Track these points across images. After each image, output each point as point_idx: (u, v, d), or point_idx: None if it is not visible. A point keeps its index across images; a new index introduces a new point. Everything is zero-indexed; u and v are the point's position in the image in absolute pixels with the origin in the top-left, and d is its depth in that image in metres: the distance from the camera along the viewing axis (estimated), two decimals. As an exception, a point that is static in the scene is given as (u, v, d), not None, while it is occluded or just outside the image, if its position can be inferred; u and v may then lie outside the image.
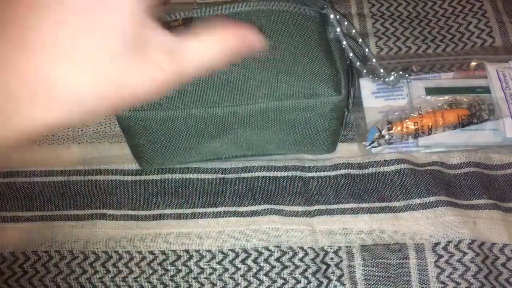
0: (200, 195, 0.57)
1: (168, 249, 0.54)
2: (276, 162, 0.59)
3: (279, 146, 0.56)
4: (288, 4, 0.52)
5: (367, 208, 0.57)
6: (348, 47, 0.55)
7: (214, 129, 0.52)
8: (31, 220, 0.56)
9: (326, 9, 0.53)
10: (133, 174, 0.58)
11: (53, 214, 0.57)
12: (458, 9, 0.71)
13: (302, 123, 0.53)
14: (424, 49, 0.68)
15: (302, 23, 0.52)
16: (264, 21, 0.51)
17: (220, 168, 0.59)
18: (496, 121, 0.59)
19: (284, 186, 0.57)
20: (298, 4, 0.53)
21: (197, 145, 0.54)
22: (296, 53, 0.50)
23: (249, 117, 0.51)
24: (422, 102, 0.61)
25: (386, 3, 0.72)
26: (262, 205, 0.56)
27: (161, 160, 0.56)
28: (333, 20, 0.53)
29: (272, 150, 0.57)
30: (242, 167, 0.59)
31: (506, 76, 0.61)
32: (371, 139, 0.59)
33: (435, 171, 0.58)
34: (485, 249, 0.54)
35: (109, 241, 0.55)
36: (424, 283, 0.52)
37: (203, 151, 0.55)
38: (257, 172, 0.58)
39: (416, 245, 0.54)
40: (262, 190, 0.57)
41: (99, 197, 0.57)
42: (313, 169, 0.59)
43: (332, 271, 0.53)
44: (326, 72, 0.50)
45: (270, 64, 0.50)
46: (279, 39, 0.51)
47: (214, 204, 0.57)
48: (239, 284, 0.53)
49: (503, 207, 0.57)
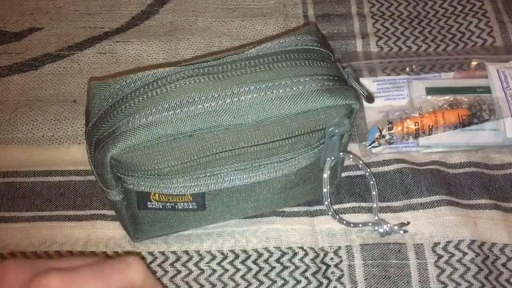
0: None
1: (167, 250, 0.54)
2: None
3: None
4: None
5: (367, 207, 0.57)
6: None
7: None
8: (31, 220, 0.56)
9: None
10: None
11: (53, 214, 0.57)
12: (459, 9, 0.71)
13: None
14: (425, 49, 0.68)
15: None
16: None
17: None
18: (496, 121, 0.59)
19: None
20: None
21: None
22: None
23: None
24: (423, 102, 0.61)
25: (386, 3, 0.72)
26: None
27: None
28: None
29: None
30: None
31: (507, 76, 0.61)
32: (372, 139, 0.59)
33: (435, 170, 0.58)
34: (485, 249, 0.54)
35: (109, 242, 0.55)
36: (424, 283, 0.52)
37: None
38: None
39: (416, 245, 0.54)
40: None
41: (99, 198, 0.57)
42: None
43: (332, 271, 0.53)
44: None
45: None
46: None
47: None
48: (239, 285, 0.53)
49: (503, 207, 0.57)
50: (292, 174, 0.49)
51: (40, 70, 0.67)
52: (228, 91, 0.44)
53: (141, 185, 0.46)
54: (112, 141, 0.43)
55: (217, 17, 0.71)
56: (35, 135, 0.62)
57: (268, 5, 0.73)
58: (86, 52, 0.68)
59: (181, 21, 0.71)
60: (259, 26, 0.70)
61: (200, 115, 0.44)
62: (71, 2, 0.73)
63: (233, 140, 0.45)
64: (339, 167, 0.55)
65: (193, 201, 0.48)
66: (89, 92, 0.47)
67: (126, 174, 0.45)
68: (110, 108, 0.45)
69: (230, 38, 0.69)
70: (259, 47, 0.48)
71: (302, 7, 0.72)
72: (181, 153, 0.44)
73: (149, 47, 0.68)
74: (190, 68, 0.46)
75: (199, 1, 0.73)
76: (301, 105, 0.45)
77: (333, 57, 0.50)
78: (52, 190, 0.58)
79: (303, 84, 0.45)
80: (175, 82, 0.45)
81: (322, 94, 0.45)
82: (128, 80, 0.45)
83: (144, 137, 0.43)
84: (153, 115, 0.43)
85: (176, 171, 0.45)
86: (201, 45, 0.69)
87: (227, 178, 0.47)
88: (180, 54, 0.68)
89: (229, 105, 0.44)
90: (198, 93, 0.44)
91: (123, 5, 0.72)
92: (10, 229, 0.56)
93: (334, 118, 0.46)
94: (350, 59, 0.66)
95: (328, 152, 0.49)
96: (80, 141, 0.61)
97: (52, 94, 0.65)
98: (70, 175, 0.59)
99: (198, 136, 0.44)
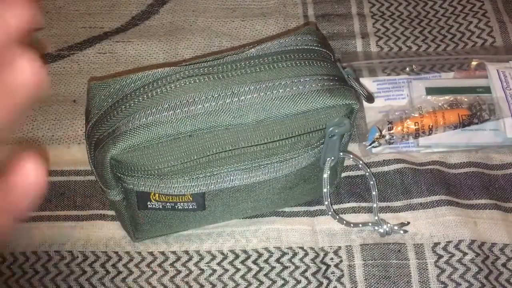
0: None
1: (167, 250, 0.54)
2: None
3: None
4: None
5: (367, 207, 0.56)
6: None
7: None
8: (31, 220, 0.56)
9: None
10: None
11: (53, 214, 0.57)
12: (459, 9, 0.71)
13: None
14: (425, 49, 0.68)
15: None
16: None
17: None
18: (496, 121, 0.59)
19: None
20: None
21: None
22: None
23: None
24: (423, 102, 0.61)
25: (386, 3, 0.72)
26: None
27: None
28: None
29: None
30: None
31: (507, 75, 0.61)
32: (372, 139, 0.59)
33: (435, 170, 0.58)
34: (485, 249, 0.54)
35: (109, 242, 0.55)
36: (424, 283, 0.52)
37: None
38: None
39: (416, 245, 0.54)
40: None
41: (99, 198, 0.57)
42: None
43: (332, 271, 0.53)
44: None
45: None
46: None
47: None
48: (239, 285, 0.53)
49: (503, 207, 0.57)
50: (292, 174, 0.49)
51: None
52: (228, 91, 0.44)
53: (141, 185, 0.46)
54: (112, 141, 0.43)
55: (217, 17, 0.71)
56: (35, 135, 0.62)
57: (268, 5, 0.72)
58: (86, 52, 0.68)
59: (181, 21, 0.71)
60: (259, 26, 0.70)
61: (200, 115, 0.43)
62: (71, 2, 0.73)
63: (233, 140, 0.44)
64: (339, 167, 0.55)
65: (193, 201, 0.48)
66: (89, 92, 0.47)
67: (126, 174, 0.45)
68: (110, 108, 0.45)
69: (230, 38, 0.69)
70: (259, 47, 0.48)
71: (302, 7, 0.72)
72: (181, 153, 0.44)
73: (149, 47, 0.68)
74: (190, 68, 0.46)
75: (199, 1, 0.73)
76: (301, 105, 0.45)
77: (333, 57, 0.49)
78: (52, 190, 0.58)
79: (303, 84, 0.45)
80: (175, 82, 0.44)
81: (322, 94, 0.45)
82: (128, 80, 0.45)
83: (144, 137, 0.43)
84: (153, 115, 0.43)
85: (176, 171, 0.45)
86: (201, 45, 0.69)
87: (227, 178, 0.47)
88: (180, 54, 0.68)
89: (229, 105, 0.44)
90: (198, 93, 0.44)
91: (123, 5, 0.72)
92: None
93: (334, 118, 0.46)
94: (350, 59, 0.66)
95: (328, 152, 0.49)
96: (80, 141, 0.61)
97: (52, 94, 0.65)
98: (70, 175, 0.59)
99: (198, 136, 0.44)
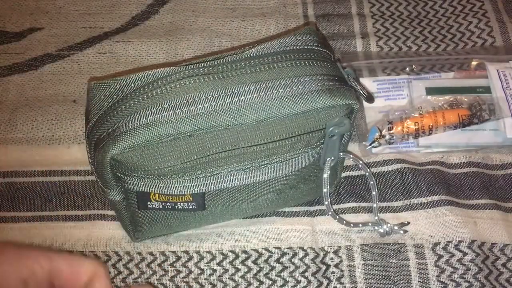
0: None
1: (167, 250, 0.54)
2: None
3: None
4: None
5: (367, 207, 0.56)
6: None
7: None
8: (31, 220, 0.56)
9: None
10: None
11: (53, 214, 0.57)
12: (459, 9, 0.71)
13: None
14: (425, 49, 0.68)
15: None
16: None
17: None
18: (496, 121, 0.59)
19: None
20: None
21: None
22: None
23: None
24: (423, 102, 0.61)
25: (386, 3, 0.72)
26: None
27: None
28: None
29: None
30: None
31: (507, 75, 0.61)
32: (372, 139, 0.59)
33: (435, 170, 0.58)
34: (485, 249, 0.54)
35: (109, 242, 0.55)
36: (424, 283, 0.52)
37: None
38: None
39: (416, 245, 0.54)
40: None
41: (99, 198, 0.57)
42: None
43: (332, 271, 0.53)
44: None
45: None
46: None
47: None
48: (239, 285, 0.53)
49: (503, 207, 0.57)
50: (292, 174, 0.49)
51: (40, 70, 0.67)
52: (228, 91, 0.44)
53: (141, 185, 0.46)
54: (112, 141, 0.43)
55: (217, 17, 0.71)
56: (35, 135, 0.62)
57: (268, 5, 0.72)
58: (86, 52, 0.68)
59: (181, 21, 0.71)
60: (259, 26, 0.70)
61: (200, 115, 0.43)
62: (71, 2, 0.73)
63: (233, 140, 0.44)
64: (339, 167, 0.55)
65: (193, 201, 0.48)
66: (89, 92, 0.47)
67: (126, 174, 0.45)
68: (110, 108, 0.45)
69: (230, 38, 0.69)
70: (259, 47, 0.48)
71: (302, 7, 0.72)
72: (181, 153, 0.44)
73: (149, 47, 0.68)
74: (190, 68, 0.46)
75: (199, 1, 0.73)
76: (301, 105, 0.45)
77: (333, 57, 0.49)
78: (52, 190, 0.58)
79: (303, 84, 0.45)
80: (175, 82, 0.44)
81: (322, 94, 0.45)
82: (128, 80, 0.45)
83: (144, 137, 0.43)
84: (153, 115, 0.43)
85: (176, 171, 0.45)
86: (201, 45, 0.69)
87: (227, 178, 0.47)
88: (180, 54, 0.68)
89: (229, 105, 0.44)
90: (198, 93, 0.44)
91: (123, 5, 0.72)
92: (10, 229, 0.56)
93: (334, 118, 0.46)
94: (350, 59, 0.66)
95: (328, 152, 0.49)
96: (80, 141, 0.61)
97: (52, 94, 0.65)
98: (70, 175, 0.59)
99: (198, 136, 0.44)
